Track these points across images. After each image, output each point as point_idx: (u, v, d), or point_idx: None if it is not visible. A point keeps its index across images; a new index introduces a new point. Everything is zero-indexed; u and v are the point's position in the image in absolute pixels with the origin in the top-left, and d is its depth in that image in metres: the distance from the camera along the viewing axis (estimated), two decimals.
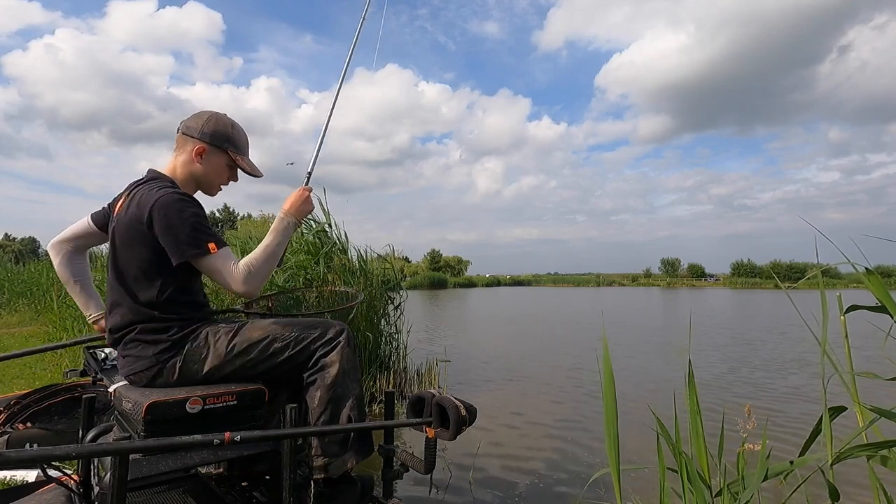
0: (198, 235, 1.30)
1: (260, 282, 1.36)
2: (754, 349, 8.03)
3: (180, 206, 1.31)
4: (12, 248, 43.94)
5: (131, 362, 1.34)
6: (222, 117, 1.49)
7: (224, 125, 1.47)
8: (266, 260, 1.39)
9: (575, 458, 3.27)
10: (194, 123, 1.46)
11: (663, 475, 1.30)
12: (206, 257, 1.30)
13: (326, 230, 4.84)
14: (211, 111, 1.49)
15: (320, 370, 1.42)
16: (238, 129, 1.51)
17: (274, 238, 1.43)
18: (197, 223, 1.31)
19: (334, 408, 1.41)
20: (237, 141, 1.50)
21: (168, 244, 1.29)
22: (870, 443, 1.11)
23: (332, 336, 1.44)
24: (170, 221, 1.28)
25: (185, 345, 1.35)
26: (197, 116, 1.47)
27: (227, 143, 1.47)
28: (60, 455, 0.88)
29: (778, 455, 2.98)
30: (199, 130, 1.44)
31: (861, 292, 1.21)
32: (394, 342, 4.92)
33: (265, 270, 1.38)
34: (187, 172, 1.46)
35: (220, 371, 1.37)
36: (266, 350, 1.39)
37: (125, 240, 1.35)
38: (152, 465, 1.17)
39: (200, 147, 1.44)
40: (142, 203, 1.32)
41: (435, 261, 65.12)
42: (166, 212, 1.29)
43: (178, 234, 1.28)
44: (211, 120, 1.46)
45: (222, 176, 1.51)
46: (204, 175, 1.47)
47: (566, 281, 75.99)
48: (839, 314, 1.15)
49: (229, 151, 1.48)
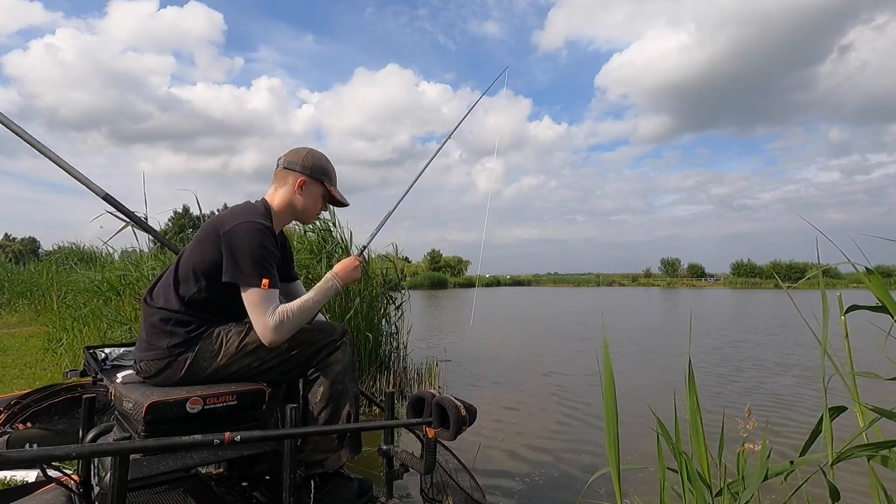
0: (258, 268, 1.38)
1: (287, 334, 1.43)
2: (754, 349, 8.03)
3: (259, 236, 1.41)
4: (12, 248, 43.96)
5: (144, 349, 1.41)
6: (319, 153, 1.64)
7: (321, 160, 1.62)
8: (302, 315, 1.46)
9: (575, 458, 3.27)
10: (295, 158, 1.59)
11: (663, 475, 1.30)
12: (253, 289, 1.38)
13: (331, 229, 4.84)
14: (307, 147, 1.64)
15: (325, 367, 1.50)
16: (330, 163, 1.66)
17: (315, 296, 1.51)
18: (264, 257, 1.40)
19: (335, 405, 1.49)
20: (331, 173, 1.65)
21: (228, 262, 1.39)
22: (870, 443, 1.11)
23: (335, 337, 1.53)
24: (242, 244, 1.38)
25: (199, 343, 1.41)
26: (296, 152, 1.61)
27: (324, 176, 1.62)
28: (60, 455, 0.88)
29: (778, 455, 2.98)
30: (300, 164, 1.58)
31: (861, 292, 1.21)
32: (394, 342, 4.92)
33: (296, 324, 1.44)
34: (287, 202, 1.59)
35: (227, 369, 1.42)
36: (273, 350, 1.44)
37: (200, 237, 1.46)
38: (152, 465, 1.17)
39: (302, 180, 1.58)
40: (230, 216, 1.45)
41: (435, 261, 65.13)
42: (244, 235, 1.39)
43: (243, 258, 1.38)
44: (310, 155, 1.61)
45: (318, 205, 1.65)
46: (303, 205, 1.61)
47: (566, 281, 75.99)
48: (839, 314, 1.15)
49: (325, 183, 1.62)
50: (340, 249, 4.77)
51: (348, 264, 1.64)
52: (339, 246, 4.78)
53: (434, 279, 48.29)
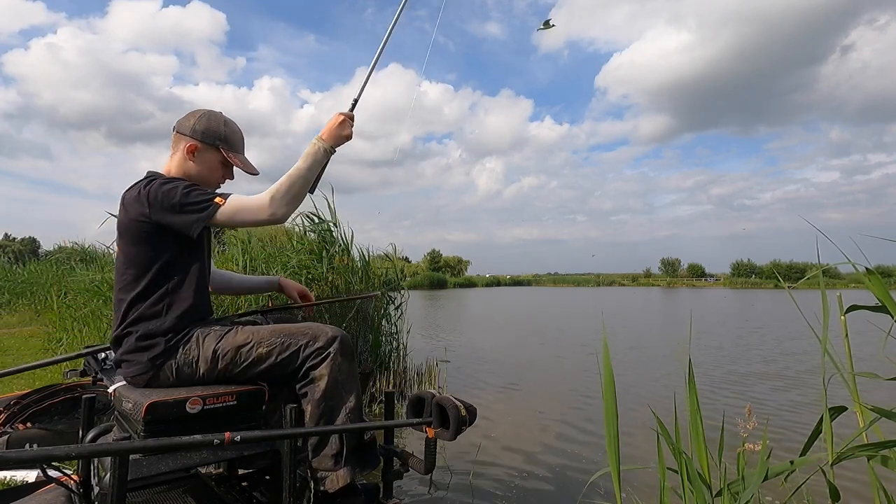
0: (199, 198, 1.31)
1: (286, 202, 1.33)
2: (754, 349, 8.03)
3: (169, 185, 1.32)
4: (12, 248, 43.97)
5: (127, 367, 1.35)
6: (215, 114, 1.48)
7: (216, 122, 1.47)
8: (291, 182, 1.35)
9: (575, 457, 3.26)
10: (186, 121, 1.46)
11: (663, 475, 1.30)
12: (220, 210, 1.30)
13: (332, 229, 4.84)
14: (205, 109, 1.49)
15: (310, 383, 1.37)
16: (231, 127, 1.50)
17: (302, 161, 1.39)
18: (192, 190, 1.32)
19: (326, 422, 1.35)
20: (230, 138, 1.48)
21: (181, 222, 1.30)
22: (870, 443, 1.11)
23: (322, 345, 1.37)
24: (169, 202, 1.30)
25: (178, 348, 1.34)
26: (190, 115, 1.48)
27: (219, 141, 1.46)
28: (60, 455, 0.88)
29: (778, 455, 2.98)
30: (190, 128, 1.44)
31: (861, 292, 1.21)
32: (394, 342, 4.92)
33: (291, 192, 1.34)
34: (181, 171, 1.45)
35: (211, 374, 1.35)
36: (248, 355, 1.35)
37: (127, 240, 1.36)
38: (152, 465, 1.17)
39: (192, 145, 1.44)
40: (133, 200, 1.33)
41: (435, 261, 65.10)
42: (160, 196, 1.30)
43: (182, 206, 1.29)
44: (203, 117, 1.46)
45: (216, 173, 1.50)
46: (197, 173, 1.46)
47: (566, 281, 75.93)
48: (839, 314, 1.15)
49: (221, 149, 1.46)
50: (341, 249, 4.77)
51: (334, 121, 1.46)
52: (340, 246, 4.78)
53: (434, 279, 48.27)
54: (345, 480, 1.35)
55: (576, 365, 6.67)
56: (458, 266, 67.98)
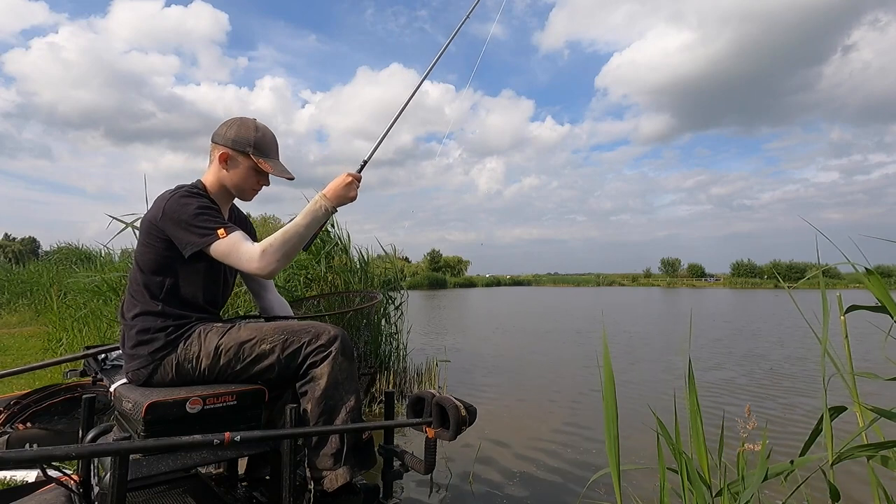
0: (205, 223, 1.34)
1: (277, 259, 1.33)
2: (754, 349, 8.03)
3: (186, 200, 1.36)
4: (12, 248, 43.95)
5: (130, 359, 1.38)
6: (246, 121, 1.50)
7: (246, 128, 1.48)
8: (286, 238, 1.36)
9: (575, 457, 3.26)
10: (220, 130, 1.49)
11: (663, 475, 1.30)
12: (214, 244, 1.33)
13: (329, 229, 4.84)
14: (238, 116, 1.52)
15: (310, 381, 1.37)
16: (263, 132, 1.50)
17: (301, 218, 1.40)
18: (203, 213, 1.35)
19: (325, 421, 1.36)
20: (260, 143, 1.49)
21: (179, 238, 1.34)
22: (870, 443, 1.11)
23: (323, 343, 1.37)
24: (178, 216, 1.34)
25: (179, 343, 1.37)
26: (223, 123, 1.51)
27: (250, 147, 1.47)
28: (60, 455, 0.88)
29: (778, 455, 2.98)
30: (222, 136, 1.48)
31: (861, 292, 1.21)
32: (394, 342, 4.92)
33: (284, 249, 1.35)
34: (216, 179, 1.50)
35: (212, 371, 1.36)
36: (252, 351, 1.36)
37: (142, 238, 1.40)
38: (152, 465, 1.17)
39: (224, 153, 1.47)
40: (157, 203, 1.39)
41: (435, 261, 65.09)
42: (174, 207, 1.35)
43: (188, 224, 1.33)
44: (234, 125, 1.48)
45: (250, 180, 1.51)
46: (231, 181, 1.49)
47: (566, 281, 75.94)
48: (839, 314, 1.15)
49: (252, 155, 1.47)
50: (339, 249, 4.78)
51: (340, 181, 1.46)
52: (338, 246, 4.78)
53: (434, 279, 48.27)
54: (344, 479, 1.35)
55: (576, 365, 6.67)
56: (457, 266, 67.97)
